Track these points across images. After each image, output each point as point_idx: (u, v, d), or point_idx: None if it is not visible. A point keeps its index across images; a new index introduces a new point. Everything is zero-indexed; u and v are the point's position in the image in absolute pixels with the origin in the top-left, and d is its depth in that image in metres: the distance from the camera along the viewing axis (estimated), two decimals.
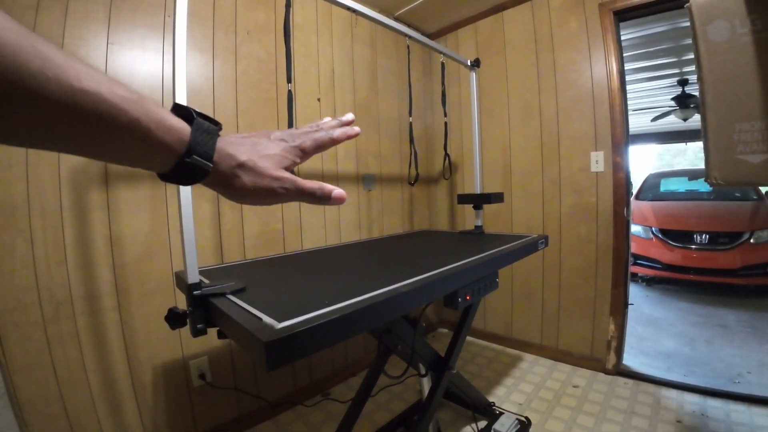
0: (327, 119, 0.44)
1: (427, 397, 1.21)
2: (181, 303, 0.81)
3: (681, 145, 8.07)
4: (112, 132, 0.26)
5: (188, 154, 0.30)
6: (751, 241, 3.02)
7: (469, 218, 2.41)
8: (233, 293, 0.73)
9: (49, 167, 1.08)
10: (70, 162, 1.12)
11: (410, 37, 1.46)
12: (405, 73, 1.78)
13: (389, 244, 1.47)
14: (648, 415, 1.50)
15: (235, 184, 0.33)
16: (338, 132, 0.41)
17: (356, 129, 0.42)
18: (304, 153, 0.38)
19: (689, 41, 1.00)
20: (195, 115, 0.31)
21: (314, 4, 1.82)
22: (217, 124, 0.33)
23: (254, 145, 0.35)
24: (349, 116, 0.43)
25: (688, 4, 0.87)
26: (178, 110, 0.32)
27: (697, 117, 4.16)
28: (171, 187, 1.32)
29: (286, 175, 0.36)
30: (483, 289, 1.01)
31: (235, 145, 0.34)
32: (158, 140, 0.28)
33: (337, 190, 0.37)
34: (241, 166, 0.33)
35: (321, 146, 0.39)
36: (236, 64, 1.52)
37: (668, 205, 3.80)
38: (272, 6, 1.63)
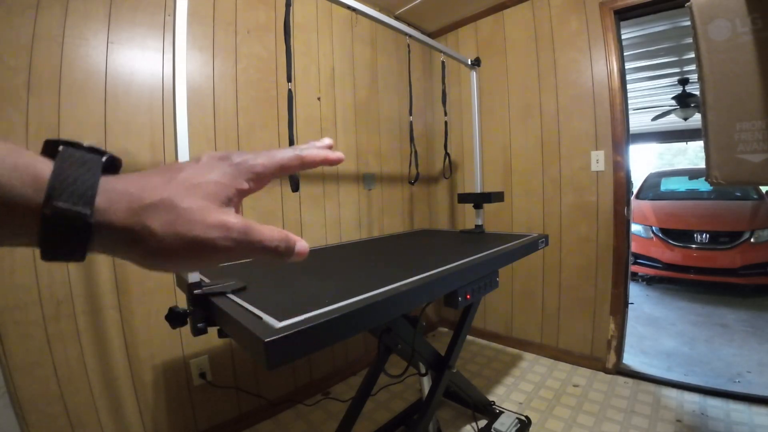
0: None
1: (427, 396, 1.21)
2: (182, 302, 0.81)
3: (681, 145, 8.05)
4: None
5: (48, 200, 0.19)
6: (752, 240, 3.01)
7: (469, 217, 2.41)
8: (234, 292, 0.73)
9: None
10: None
11: (410, 36, 1.46)
12: (405, 72, 1.78)
13: (389, 243, 1.47)
14: (648, 414, 1.50)
15: (146, 242, 0.21)
16: (311, 151, 0.28)
17: (338, 153, 0.31)
18: (258, 177, 0.26)
19: (690, 40, 1.00)
20: (63, 145, 0.21)
21: (314, 3, 1.82)
22: (102, 153, 0.22)
23: (173, 174, 0.23)
24: (327, 140, 0.31)
25: (688, 3, 0.87)
26: (49, 147, 0.21)
27: (697, 116, 4.15)
28: None
29: (232, 219, 0.23)
30: (483, 288, 1.01)
31: (140, 178, 0.22)
32: (11, 192, 0.18)
33: (301, 243, 0.26)
34: (152, 208, 0.21)
35: (284, 167, 0.27)
36: (236, 62, 1.52)
37: (668, 204, 3.80)
38: (272, 5, 1.63)
